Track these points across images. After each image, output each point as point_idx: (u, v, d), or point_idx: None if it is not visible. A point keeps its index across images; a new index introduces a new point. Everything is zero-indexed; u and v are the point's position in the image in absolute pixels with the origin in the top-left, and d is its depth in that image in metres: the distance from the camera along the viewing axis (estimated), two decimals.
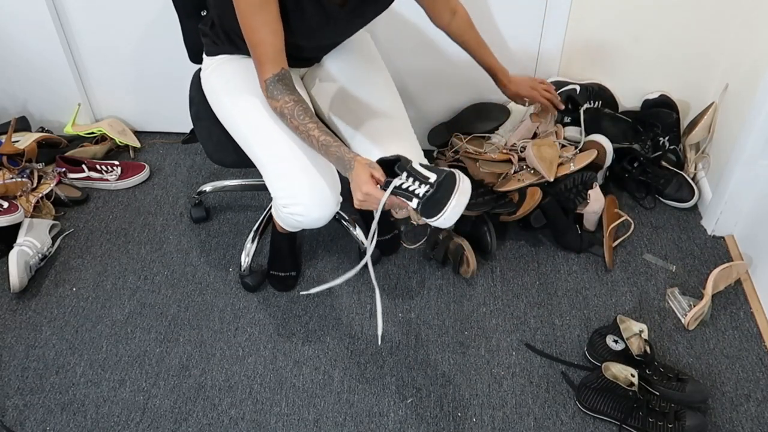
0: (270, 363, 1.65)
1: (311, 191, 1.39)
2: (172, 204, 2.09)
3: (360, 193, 1.22)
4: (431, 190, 1.20)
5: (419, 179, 1.21)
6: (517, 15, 1.93)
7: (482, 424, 1.52)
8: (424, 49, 2.01)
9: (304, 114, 1.32)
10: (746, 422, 1.51)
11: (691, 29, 1.90)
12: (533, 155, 1.84)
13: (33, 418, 1.54)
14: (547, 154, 1.87)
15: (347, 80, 1.57)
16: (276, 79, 1.33)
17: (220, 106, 1.52)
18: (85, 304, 1.79)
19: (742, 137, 1.77)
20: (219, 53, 1.54)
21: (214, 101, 1.54)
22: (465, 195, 1.20)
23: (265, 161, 1.43)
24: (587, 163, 1.85)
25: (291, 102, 1.33)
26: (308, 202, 1.39)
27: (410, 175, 1.21)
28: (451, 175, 1.21)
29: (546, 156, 1.86)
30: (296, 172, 1.39)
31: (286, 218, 1.46)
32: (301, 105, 1.33)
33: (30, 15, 2.04)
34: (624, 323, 1.62)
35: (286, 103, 1.32)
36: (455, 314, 1.75)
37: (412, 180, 1.21)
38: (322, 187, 1.40)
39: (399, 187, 1.21)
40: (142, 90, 2.24)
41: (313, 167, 1.40)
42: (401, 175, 1.22)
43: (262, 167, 1.45)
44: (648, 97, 2.05)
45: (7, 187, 1.97)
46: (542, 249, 1.92)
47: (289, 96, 1.33)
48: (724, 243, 1.93)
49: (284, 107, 1.33)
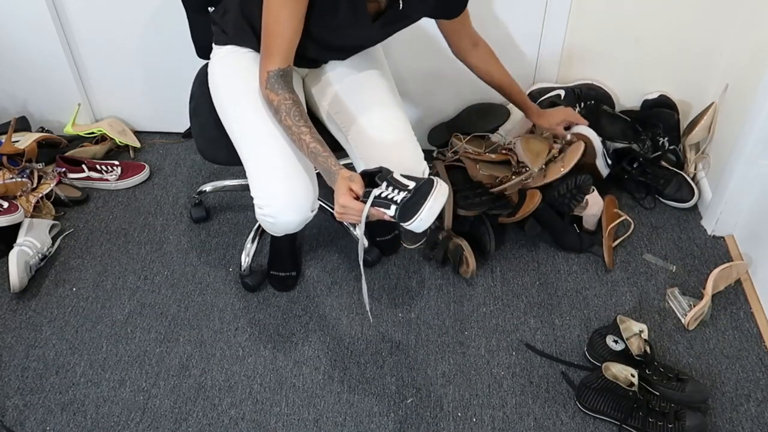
0: (270, 363, 1.65)
1: (286, 196, 1.39)
2: (172, 204, 2.09)
3: (338, 205, 1.25)
4: (408, 195, 1.21)
5: (398, 187, 1.23)
6: (517, 16, 1.93)
7: (482, 424, 1.52)
8: (424, 49, 2.01)
9: (299, 116, 1.33)
10: (746, 422, 1.51)
11: (691, 29, 1.90)
12: (521, 148, 1.85)
13: (33, 418, 1.54)
14: (534, 146, 1.87)
15: (350, 83, 1.56)
16: (279, 73, 1.33)
17: (218, 98, 1.52)
18: (85, 304, 1.79)
19: (742, 137, 1.77)
20: (227, 43, 1.53)
21: (214, 92, 1.54)
22: (442, 196, 1.21)
23: (250, 160, 1.44)
24: (577, 160, 1.84)
25: (290, 101, 1.33)
26: (281, 206, 1.39)
27: (390, 184, 1.24)
28: (428, 181, 1.23)
29: (533, 148, 1.86)
30: (275, 176, 1.39)
31: (260, 219, 1.46)
32: (298, 106, 1.34)
33: (30, 15, 2.04)
34: (624, 323, 1.62)
35: (285, 100, 1.33)
36: (455, 314, 1.75)
37: (391, 189, 1.23)
38: (297, 193, 1.40)
39: (378, 196, 1.23)
40: (142, 90, 2.24)
41: (293, 173, 1.40)
42: (381, 185, 1.24)
43: (246, 165, 1.46)
44: (647, 97, 2.05)
45: (7, 187, 1.97)
46: (542, 249, 1.92)
47: (288, 94, 1.34)
48: (724, 243, 1.93)
49: (282, 103, 1.33)
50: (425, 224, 1.21)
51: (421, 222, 1.21)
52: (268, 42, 1.33)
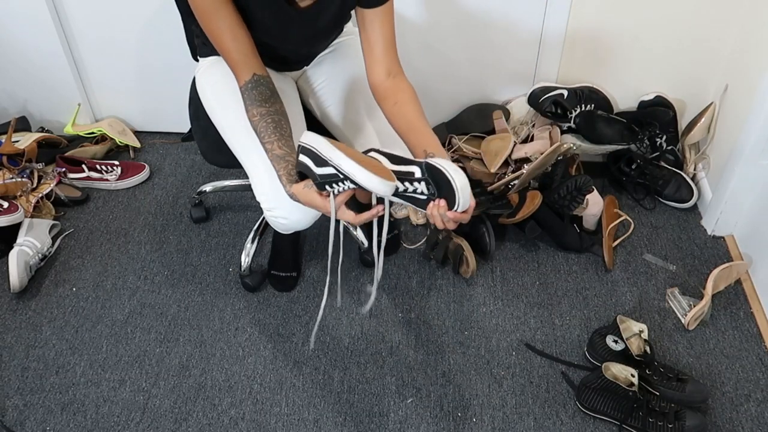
0: (270, 363, 1.65)
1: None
2: (172, 204, 2.09)
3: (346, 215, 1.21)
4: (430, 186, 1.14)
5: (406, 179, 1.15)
6: (517, 16, 1.93)
7: (482, 424, 1.52)
8: (424, 49, 2.01)
9: (265, 130, 1.28)
10: (746, 422, 1.51)
11: (691, 29, 1.90)
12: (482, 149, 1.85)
13: (33, 418, 1.54)
14: (493, 146, 1.87)
15: (344, 84, 1.56)
16: (250, 86, 1.30)
17: (209, 107, 1.53)
18: (85, 304, 1.79)
19: (742, 137, 1.77)
20: (209, 54, 1.54)
21: (205, 102, 1.54)
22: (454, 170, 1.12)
23: (248, 165, 1.43)
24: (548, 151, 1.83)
25: (257, 116, 1.29)
26: (288, 206, 1.39)
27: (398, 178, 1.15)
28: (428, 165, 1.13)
29: (491, 149, 1.86)
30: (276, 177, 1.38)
31: (271, 221, 1.46)
32: (266, 119, 1.29)
33: (30, 15, 2.04)
34: (624, 323, 1.62)
35: (254, 116, 1.30)
36: (455, 314, 1.75)
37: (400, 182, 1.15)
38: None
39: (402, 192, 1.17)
40: (142, 90, 2.24)
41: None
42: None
43: (246, 171, 1.45)
44: (644, 98, 2.05)
45: (7, 187, 1.97)
46: (542, 249, 1.92)
47: (257, 108, 1.29)
48: (724, 243, 1.93)
49: (252, 120, 1.30)
50: (467, 200, 1.13)
51: (465, 201, 1.12)
52: (226, 60, 1.31)
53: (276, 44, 1.40)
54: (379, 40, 1.36)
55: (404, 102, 1.37)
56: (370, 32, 1.36)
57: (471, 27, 1.96)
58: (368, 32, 1.36)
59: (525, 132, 2.05)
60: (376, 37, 1.36)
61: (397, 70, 1.39)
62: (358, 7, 1.35)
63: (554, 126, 2.02)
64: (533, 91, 2.03)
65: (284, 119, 1.32)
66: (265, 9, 1.30)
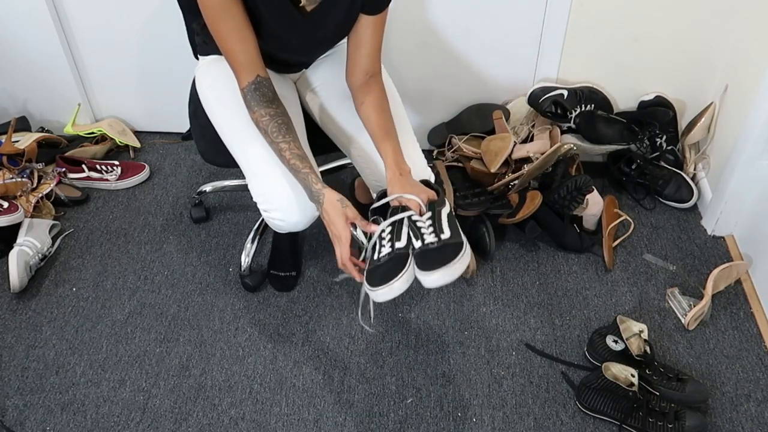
0: (270, 363, 1.65)
1: (288, 197, 1.38)
2: (172, 204, 2.09)
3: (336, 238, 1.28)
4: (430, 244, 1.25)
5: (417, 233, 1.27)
6: (516, 16, 1.93)
7: (482, 424, 1.52)
8: (424, 49, 2.01)
9: (278, 131, 1.31)
10: (746, 422, 1.51)
11: (691, 30, 1.90)
12: (482, 149, 1.85)
13: (33, 418, 1.54)
14: (493, 146, 1.87)
15: (342, 86, 1.53)
16: (253, 87, 1.31)
17: (208, 106, 1.52)
18: (85, 304, 1.79)
19: (742, 137, 1.77)
20: (210, 53, 1.54)
21: (204, 101, 1.54)
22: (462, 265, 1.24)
23: (245, 165, 1.43)
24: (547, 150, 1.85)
25: (266, 116, 1.31)
26: (286, 207, 1.39)
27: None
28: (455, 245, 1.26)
29: (491, 149, 1.86)
30: (274, 178, 1.38)
31: (268, 221, 1.46)
32: (276, 120, 1.31)
33: (30, 15, 2.04)
34: (624, 323, 1.62)
35: (262, 116, 1.31)
36: (455, 314, 1.75)
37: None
38: (300, 192, 1.38)
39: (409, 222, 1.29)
40: (142, 90, 2.24)
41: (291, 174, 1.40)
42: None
43: (243, 171, 1.45)
44: (644, 98, 2.05)
45: (7, 187, 1.97)
46: (542, 249, 1.92)
47: (265, 109, 1.31)
48: (724, 243, 1.93)
49: (260, 120, 1.32)
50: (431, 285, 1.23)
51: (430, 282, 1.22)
52: (228, 61, 1.32)
53: (279, 47, 1.41)
54: (367, 44, 1.40)
55: (369, 103, 1.42)
56: (361, 35, 1.39)
57: (471, 27, 1.96)
58: (359, 35, 1.40)
59: (525, 132, 2.05)
60: (366, 41, 1.40)
61: (375, 71, 1.43)
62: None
63: (554, 126, 2.02)
64: (533, 91, 2.03)
65: (290, 120, 1.35)
66: (272, 11, 1.30)
